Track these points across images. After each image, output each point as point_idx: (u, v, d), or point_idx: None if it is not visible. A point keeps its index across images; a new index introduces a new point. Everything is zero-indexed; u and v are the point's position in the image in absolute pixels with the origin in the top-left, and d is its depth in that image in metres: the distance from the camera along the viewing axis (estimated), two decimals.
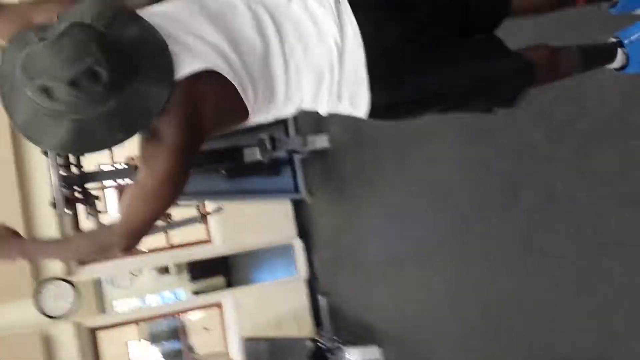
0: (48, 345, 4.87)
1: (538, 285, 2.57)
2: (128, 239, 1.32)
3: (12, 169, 4.83)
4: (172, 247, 5.61)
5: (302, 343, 4.98)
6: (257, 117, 1.42)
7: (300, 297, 5.69)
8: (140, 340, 9.44)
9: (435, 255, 3.51)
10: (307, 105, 1.44)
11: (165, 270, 10.84)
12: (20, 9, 1.34)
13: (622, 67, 1.70)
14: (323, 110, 1.45)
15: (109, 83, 1.11)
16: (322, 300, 5.52)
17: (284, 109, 1.44)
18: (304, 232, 5.79)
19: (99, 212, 4.22)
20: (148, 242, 5.52)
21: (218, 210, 4.65)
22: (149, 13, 1.29)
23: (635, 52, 1.66)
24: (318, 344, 4.89)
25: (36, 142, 1.21)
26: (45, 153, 3.89)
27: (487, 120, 2.46)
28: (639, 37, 1.64)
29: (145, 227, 1.33)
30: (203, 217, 4.63)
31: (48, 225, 4.93)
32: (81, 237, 1.48)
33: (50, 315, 4.88)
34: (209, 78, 1.26)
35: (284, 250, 6.06)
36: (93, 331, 5.19)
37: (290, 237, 5.75)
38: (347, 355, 4.67)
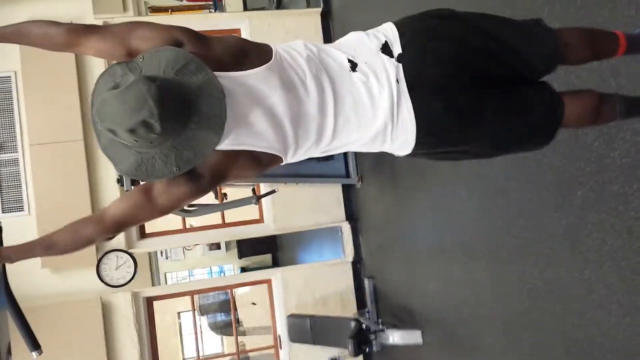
0: (107, 311, 5.18)
1: (582, 281, 2.62)
2: (110, 232, 1.53)
3: (81, 147, 5.12)
4: (225, 224, 5.83)
5: (346, 322, 5.09)
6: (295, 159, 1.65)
7: (345, 279, 5.83)
8: (191, 311, 9.84)
9: (482, 246, 3.57)
10: (355, 150, 1.70)
11: (216, 246, 11.23)
12: (118, 30, 1.51)
13: None
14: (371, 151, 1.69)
15: (162, 132, 1.32)
16: (367, 283, 5.64)
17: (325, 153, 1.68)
18: (352, 216, 5.91)
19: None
20: (203, 219, 5.77)
21: (272, 192, 4.82)
22: (239, 82, 1.49)
23: None
24: (361, 324, 4.99)
25: (113, 163, 1.46)
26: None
27: None
28: None
29: (127, 228, 1.56)
30: (258, 199, 4.81)
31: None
32: (61, 233, 1.55)
33: (111, 284, 5.22)
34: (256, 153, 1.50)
35: (332, 233, 6.20)
36: (149, 300, 5.47)
37: (339, 220, 5.88)
38: (389, 337, 4.78)
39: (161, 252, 10.20)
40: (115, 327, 5.18)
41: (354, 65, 1.56)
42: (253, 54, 1.54)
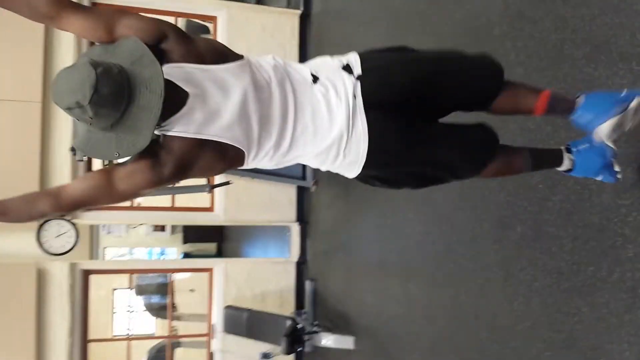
0: (42, 279, 5.07)
1: (510, 312, 2.76)
2: (64, 210, 1.59)
3: (38, 110, 5.00)
4: (174, 208, 5.79)
5: (282, 320, 5.14)
6: (253, 165, 1.74)
7: (287, 278, 5.89)
8: (127, 289, 9.70)
9: (420, 266, 3.70)
10: (308, 163, 1.81)
11: (160, 227, 11.08)
12: (105, 14, 1.58)
13: (568, 170, 1.92)
14: (321, 168, 1.82)
15: (94, 116, 1.43)
16: (308, 285, 5.72)
17: (282, 162, 1.78)
18: (302, 218, 5.98)
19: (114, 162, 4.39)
20: (153, 199, 5.72)
21: (227, 183, 4.83)
22: (212, 75, 1.58)
23: (580, 160, 1.86)
24: (296, 324, 5.06)
25: (73, 134, 1.55)
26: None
27: None
28: (585, 149, 1.84)
29: (84, 208, 1.62)
30: (211, 188, 4.82)
31: (61, 169, 5.11)
32: (16, 202, 1.58)
33: (49, 252, 5.11)
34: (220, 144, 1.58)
35: (280, 232, 6.25)
36: (86, 273, 5.39)
37: (289, 220, 5.94)
38: (322, 339, 4.86)
39: (103, 226, 10.00)
40: (48, 296, 5.07)
41: (315, 79, 1.70)
42: (229, 56, 1.66)
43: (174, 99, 1.52)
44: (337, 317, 5.08)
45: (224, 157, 1.62)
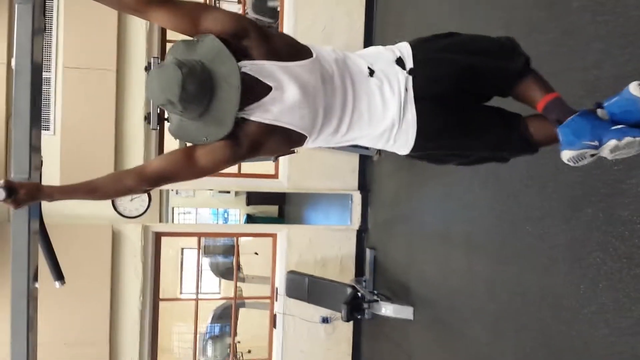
0: (116, 240, 5.38)
1: (576, 295, 2.72)
2: (149, 185, 1.75)
3: (112, 78, 5.21)
4: (240, 174, 5.95)
5: (342, 288, 5.25)
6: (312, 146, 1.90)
7: (348, 245, 5.98)
8: (194, 250, 10.09)
9: (485, 241, 3.67)
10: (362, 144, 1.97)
11: (226, 190, 11.41)
12: (191, 8, 1.69)
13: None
14: (376, 147, 1.98)
15: (183, 110, 1.61)
16: (369, 253, 5.79)
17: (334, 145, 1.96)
18: (364, 186, 6.01)
19: None
20: None
21: (292, 152, 4.90)
22: (289, 71, 1.73)
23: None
24: (357, 292, 5.15)
25: (169, 121, 1.76)
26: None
27: None
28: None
29: (166, 183, 1.77)
30: (276, 156, 4.91)
31: (135, 136, 5.34)
32: (104, 180, 1.72)
33: (124, 214, 5.40)
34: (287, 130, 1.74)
35: (342, 199, 6.31)
36: (158, 235, 5.66)
37: (351, 188, 5.99)
38: (382, 308, 4.94)
39: (171, 189, 10.40)
40: (122, 256, 5.39)
41: (371, 72, 1.83)
42: (302, 50, 1.80)
43: (255, 90, 1.69)
44: (397, 287, 5.14)
45: (289, 141, 1.79)
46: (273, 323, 5.98)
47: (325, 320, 5.79)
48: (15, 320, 1.81)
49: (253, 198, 11.41)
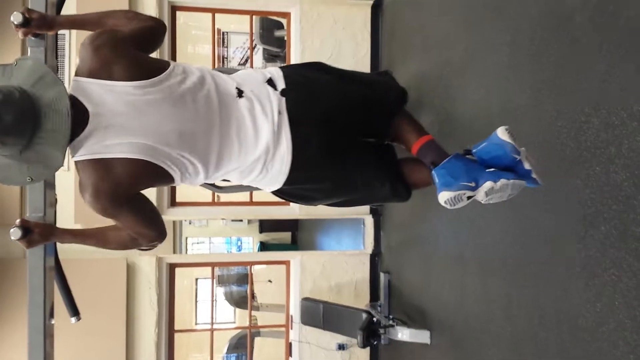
0: (131, 273, 5.40)
1: (593, 314, 2.68)
2: (142, 239, 1.75)
3: None
4: (252, 203, 5.97)
5: (358, 313, 5.21)
6: (187, 183, 1.73)
7: (362, 270, 5.95)
8: (208, 279, 10.09)
9: (499, 264, 3.64)
10: (230, 179, 1.80)
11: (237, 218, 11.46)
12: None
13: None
14: (243, 183, 1.80)
15: (1, 145, 1.37)
16: (383, 277, 5.76)
17: (211, 180, 1.76)
18: (376, 210, 6.00)
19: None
20: (232, 195, 5.91)
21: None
22: (121, 91, 1.52)
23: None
24: (372, 317, 5.11)
25: None
26: None
27: (579, 149, 2.58)
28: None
29: (149, 231, 1.74)
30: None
31: None
32: (116, 238, 1.70)
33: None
34: (134, 162, 1.53)
35: (354, 223, 6.31)
36: (172, 267, 5.67)
37: (362, 212, 5.99)
38: (398, 333, 4.89)
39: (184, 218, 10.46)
40: (137, 289, 5.41)
41: (240, 92, 1.68)
42: (152, 69, 1.60)
43: (77, 117, 1.48)
44: (413, 311, 5.09)
45: (145, 176, 1.57)
46: (289, 351, 5.94)
47: (341, 347, 5.74)
48: (33, 357, 1.83)
49: (266, 225, 11.45)
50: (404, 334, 4.82)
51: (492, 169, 1.76)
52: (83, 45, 1.56)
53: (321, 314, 5.44)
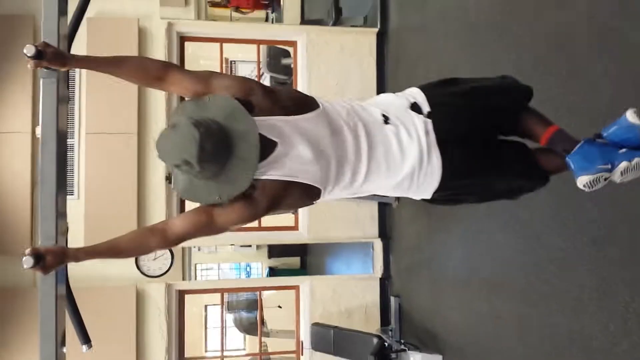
0: (140, 300, 5.40)
1: (606, 334, 2.66)
2: (172, 245, 1.76)
3: (134, 141, 5.36)
4: (260, 228, 5.99)
5: (369, 338, 5.16)
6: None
7: (372, 294, 5.92)
8: (217, 306, 10.05)
9: (509, 286, 3.62)
10: (383, 193, 1.97)
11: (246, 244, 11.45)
12: (203, 74, 1.75)
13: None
14: (395, 195, 1.98)
15: (200, 170, 1.58)
16: (393, 301, 5.71)
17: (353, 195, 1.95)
18: (385, 234, 5.99)
19: None
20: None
21: (310, 203, 4.94)
22: (294, 125, 1.73)
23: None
24: (383, 341, 5.06)
25: (174, 181, 1.74)
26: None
27: None
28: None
29: (185, 241, 1.75)
30: (295, 209, 4.95)
31: (156, 195, 5.44)
32: (127, 241, 1.73)
33: (148, 274, 5.44)
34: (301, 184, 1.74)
35: (363, 247, 6.30)
36: (181, 293, 5.67)
37: (371, 236, 5.98)
38: (410, 358, 4.83)
39: (194, 245, 10.47)
40: (147, 315, 5.40)
41: (386, 119, 1.84)
42: (308, 103, 1.81)
43: (264, 147, 1.67)
44: (424, 335, 5.04)
45: (305, 195, 1.78)
46: None
47: None
48: None
49: (274, 251, 11.42)
50: (415, 358, 4.76)
51: (624, 150, 1.83)
52: (250, 89, 1.75)
53: (332, 339, 5.40)
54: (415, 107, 1.88)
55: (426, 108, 1.87)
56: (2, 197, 5.19)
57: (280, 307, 9.31)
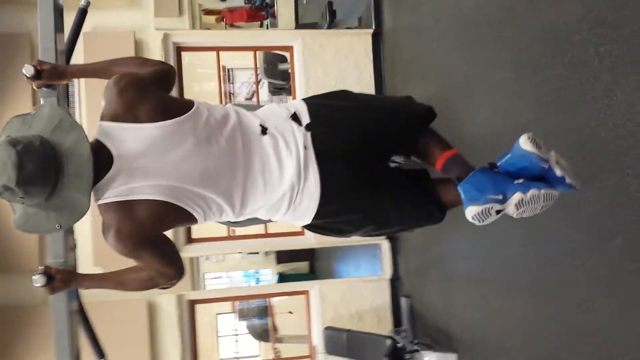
0: (152, 312, 5.41)
1: (622, 328, 2.64)
2: (173, 280, 1.77)
3: None
4: (267, 235, 5.98)
5: (381, 340, 5.14)
6: (213, 221, 1.70)
7: (382, 296, 5.90)
8: (229, 314, 10.06)
9: (522, 281, 3.59)
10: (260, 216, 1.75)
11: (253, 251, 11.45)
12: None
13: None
14: (273, 219, 1.76)
15: (26, 195, 1.37)
16: (404, 302, 5.70)
17: (240, 218, 1.72)
18: (392, 235, 5.98)
19: None
20: (248, 228, 5.94)
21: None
22: (143, 133, 1.53)
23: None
24: (396, 343, 5.04)
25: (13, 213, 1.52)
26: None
27: (590, 165, 2.57)
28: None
29: (170, 268, 1.71)
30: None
31: None
32: (134, 281, 1.69)
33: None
34: (154, 203, 1.53)
35: (371, 249, 6.28)
36: (192, 303, 5.67)
37: (378, 238, 5.97)
38: (424, 358, 4.81)
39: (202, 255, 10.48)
40: (159, 327, 5.40)
41: (264, 130, 1.66)
42: (176, 109, 1.62)
43: (100, 160, 1.48)
44: (438, 334, 5.02)
45: (167, 217, 1.57)
46: None
47: None
48: None
49: (282, 256, 11.40)
50: (430, 358, 4.75)
51: (521, 180, 1.66)
52: (107, 88, 1.58)
53: (345, 343, 5.37)
54: (295, 118, 1.70)
55: (306, 119, 1.69)
56: (10, 214, 5.19)
57: (291, 312, 9.30)
